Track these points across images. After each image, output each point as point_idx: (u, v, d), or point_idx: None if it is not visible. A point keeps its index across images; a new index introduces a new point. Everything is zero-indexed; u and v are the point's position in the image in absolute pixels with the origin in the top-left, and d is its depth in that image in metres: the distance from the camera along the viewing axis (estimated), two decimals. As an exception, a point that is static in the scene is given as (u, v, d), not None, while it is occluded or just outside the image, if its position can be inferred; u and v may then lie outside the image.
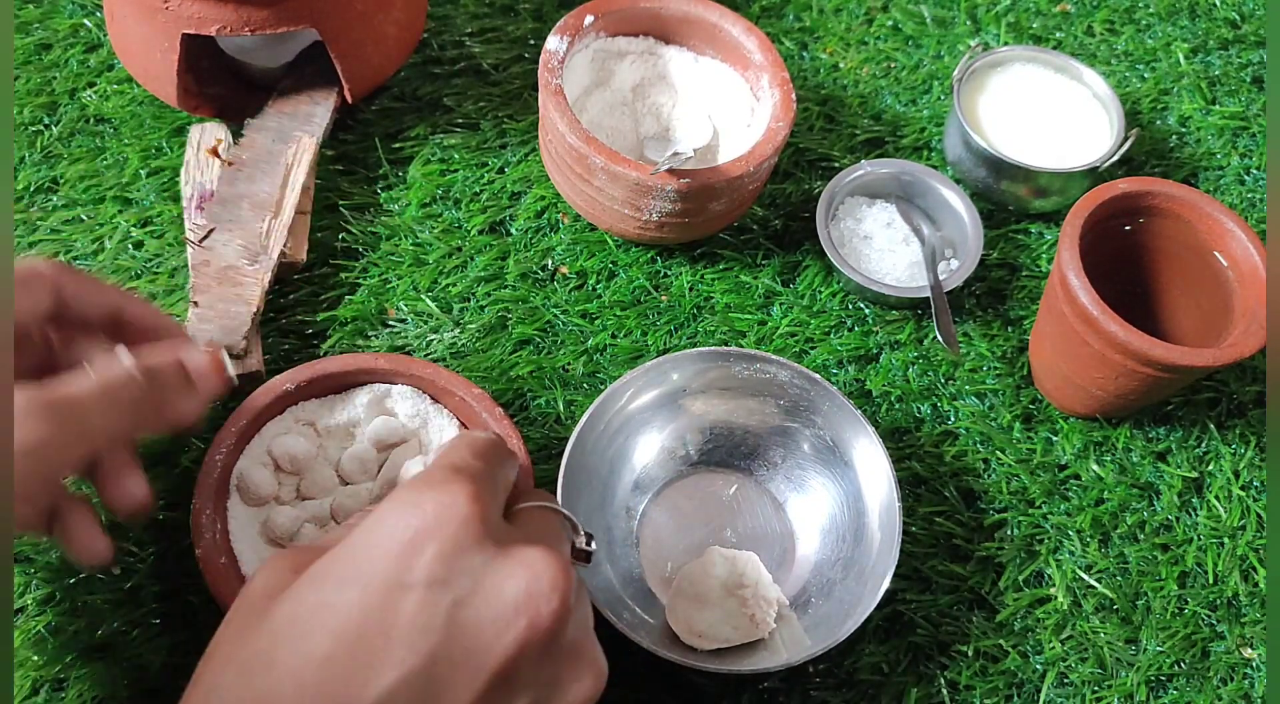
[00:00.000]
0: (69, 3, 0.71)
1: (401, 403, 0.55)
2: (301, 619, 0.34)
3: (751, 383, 0.57)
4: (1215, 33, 0.79)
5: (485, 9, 0.74)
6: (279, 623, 0.35)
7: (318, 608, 0.34)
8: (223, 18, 0.58)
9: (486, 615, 0.35)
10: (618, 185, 0.58)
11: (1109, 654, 0.55)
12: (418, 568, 0.34)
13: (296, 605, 0.35)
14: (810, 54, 0.76)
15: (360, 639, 0.34)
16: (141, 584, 0.51)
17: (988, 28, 0.78)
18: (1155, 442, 0.62)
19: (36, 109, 0.66)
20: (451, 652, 0.34)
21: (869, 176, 0.67)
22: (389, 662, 0.33)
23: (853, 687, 0.53)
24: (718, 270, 0.65)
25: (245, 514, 0.51)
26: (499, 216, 0.65)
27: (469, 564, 0.35)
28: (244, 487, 0.51)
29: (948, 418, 0.61)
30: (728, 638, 0.51)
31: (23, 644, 0.49)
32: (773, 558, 0.55)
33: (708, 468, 0.58)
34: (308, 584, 0.35)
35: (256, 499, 0.51)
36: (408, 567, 0.34)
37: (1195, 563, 0.58)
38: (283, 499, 0.52)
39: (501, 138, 0.68)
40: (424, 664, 0.33)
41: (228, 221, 0.59)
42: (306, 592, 0.35)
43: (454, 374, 0.54)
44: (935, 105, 0.73)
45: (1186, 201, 0.58)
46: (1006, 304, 0.66)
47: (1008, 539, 0.58)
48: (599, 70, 0.66)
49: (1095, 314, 0.54)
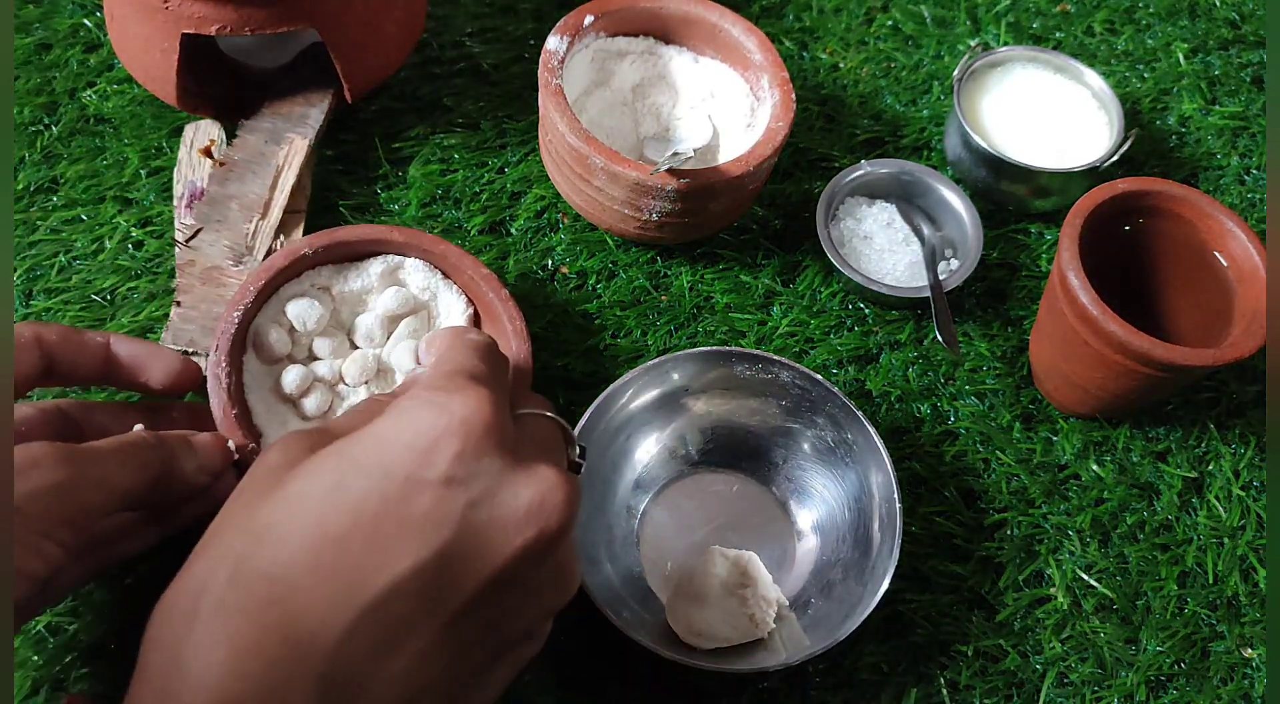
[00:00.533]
0: (69, 3, 0.71)
1: (413, 275, 0.57)
2: (317, 497, 0.35)
3: (752, 383, 0.57)
4: (1215, 33, 0.79)
5: (485, 9, 0.74)
6: (293, 497, 0.35)
7: (335, 488, 0.35)
8: (223, 18, 0.58)
9: (498, 519, 0.36)
10: (618, 185, 0.59)
11: (1109, 654, 0.55)
12: (438, 465, 0.36)
13: (312, 483, 0.36)
14: (810, 54, 0.76)
15: (376, 525, 0.35)
16: (141, 584, 0.51)
17: (988, 28, 0.78)
18: (1155, 442, 0.62)
19: (36, 109, 0.66)
20: (461, 549, 0.35)
21: (869, 176, 0.67)
22: (403, 551, 0.34)
23: (853, 687, 0.53)
24: (718, 270, 0.65)
25: (259, 370, 0.54)
26: (499, 216, 0.65)
27: (487, 468, 0.37)
28: (259, 343, 0.54)
29: (948, 418, 0.61)
30: (727, 637, 0.51)
31: (23, 644, 0.49)
32: (773, 558, 0.55)
33: (708, 468, 0.58)
34: (325, 463, 0.36)
35: (270, 357, 0.54)
36: (429, 463, 0.36)
37: (1195, 563, 0.58)
38: (295, 358, 0.55)
39: (501, 138, 0.68)
40: (434, 558, 0.35)
41: (215, 222, 0.59)
42: (324, 470, 0.36)
43: (464, 252, 0.57)
44: (935, 105, 0.73)
45: (1186, 201, 0.58)
46: (1006, 304, 0.66)
47: (1008, 539, 0.58)
48: (599, 70, 0.66)
49: (1095, 314, 0.54)
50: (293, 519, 0.35)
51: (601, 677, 0.52)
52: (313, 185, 0.64)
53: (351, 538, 0.34)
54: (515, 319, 0.55)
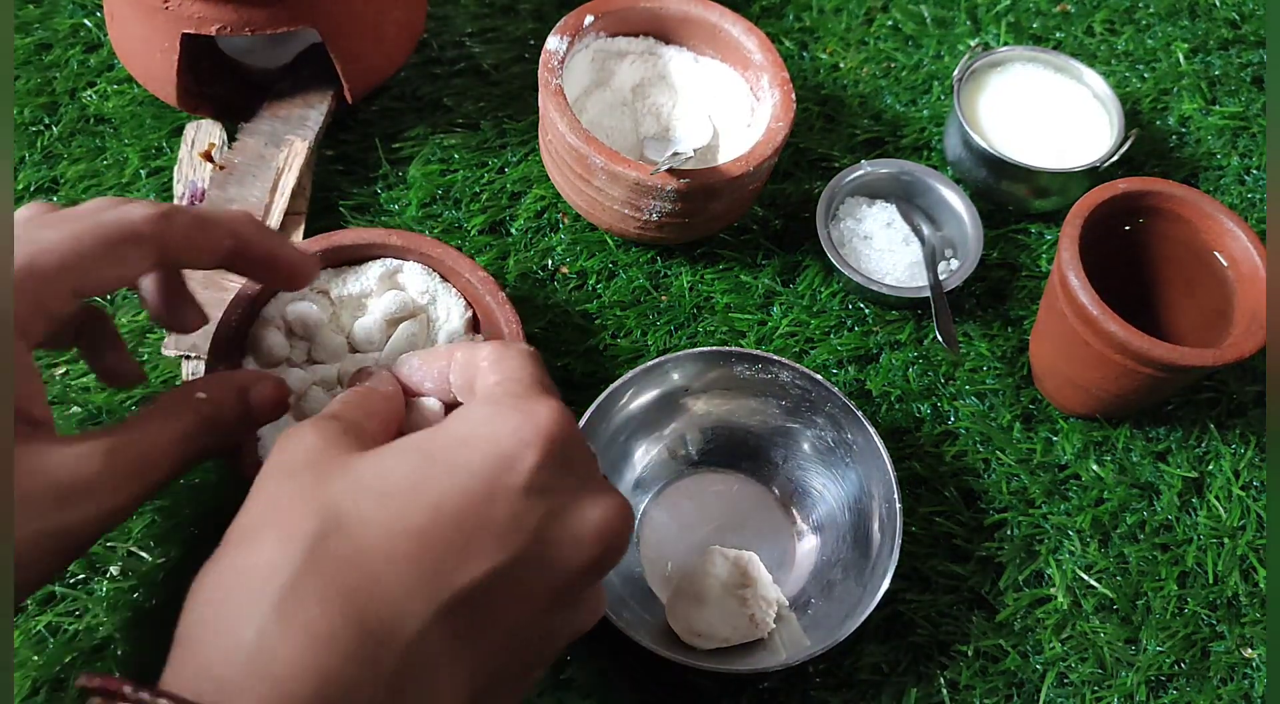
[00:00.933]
0: (69, 3, 0.71)
1: (412, 279, 0.57)
2: (397, 488, 0.34)
3: (752, 383, 0.57)
4: (1215, 33, 0.79)
5: (485, 9, 0.74)
6: (369, 484, 0.34)
7: (416, 482, 0.35)
8: (223, 18, 0.58)
9: (570, 535, 0.36)
10: (618, 185, 0.59)
11: (1109, 654, 0.55)
12: (520, 473, 0.35)
13: (389, 472, 0.35)
14: (810, 54, 0.76)
15: (458, 525, 0.34)
16: (142, 585, 0.51)
17: (988, 28, 0.78)
18: (1155, 442, 0.62)
19: (36, 109, 0.66)
20: (534, 559, 0.35)
21: (869, 176, 0.67)
22: (482, 553, 0.34)
23: (853, 687, 0.53)
24: (718, 270, 0.65)
25: None
26: (499, 216, 0.65)
27: (566, 483, 0.37)
28: (258, 347, 0.54)
29: (948, 418, 0.61)
30: (727, 638, 0.51)
31: (23, 644, 0.49)
32: (773, 558, 0.55)
33: (708, 468, 0.58)
34: (402, 455, 0.36)
35: (269, 360, 0.54)
36: (511, 469, 0.35)
37: (1195, 563, 0.58)
38: (294, 362, 0.55)
39: (501, 138, 0.68)
40: (509, 564, 0.34)
41: None
42: (401, 462, 0.35)
43: (462, 255, 0.57)
44: (935, 105, 0.73)
45: (1186, 201, 0.58)
46: (1006, 304, 0.66)
47: (1008, 539, 0.58)
48: (599, 70, 0.66)
49: (1095, 314, 0.54)
50: (374, 506, 0.34)
51: (601, 677, 0.52)
52: (313, 186, 0.64)
53: (432, 534, 0.34)
54: (513, 322, 0.55)
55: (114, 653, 0.50)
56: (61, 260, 0.38)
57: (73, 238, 0.39)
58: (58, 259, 0.38)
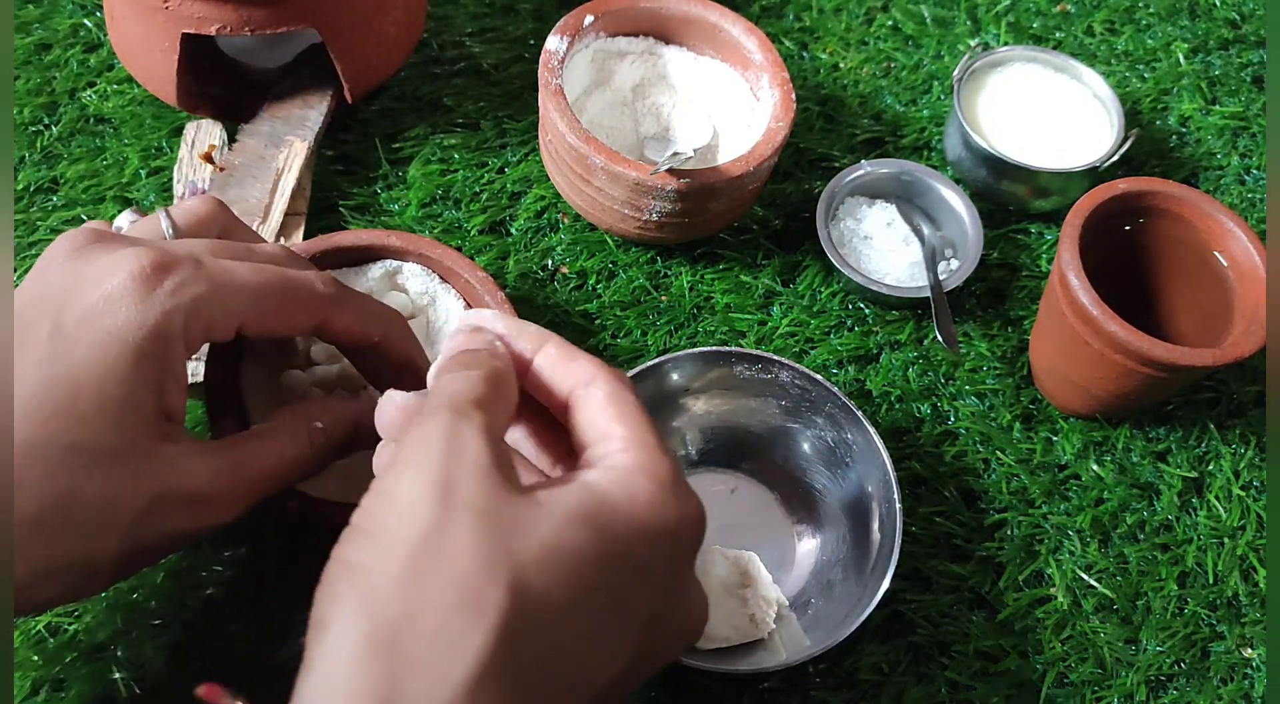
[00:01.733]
0: (69, 3, 0.71)
1: (412, 280, 0.58)
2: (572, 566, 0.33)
3: (752, 383, 0.57)
4: (1215, 33, 0.79)
5: (485, 9, 0.74)
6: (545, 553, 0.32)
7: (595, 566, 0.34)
8: (223, 18, 0.58)
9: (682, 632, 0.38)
10: (618, 185, 0.59)
11: (1109, 654, 0.55)
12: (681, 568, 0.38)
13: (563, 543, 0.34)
14: (810, 54, 0.76)
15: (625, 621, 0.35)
16: (142, 585, 0.51)
17: (988, 28, 0.78)
18: (1155, 442, 0.62)
19: (36, 109, 0.66)
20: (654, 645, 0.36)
21: (869, 176, 0.67)
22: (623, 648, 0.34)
23: (853, 687, 0.53)
24: (718, 270, 0.65)
25: (257, 375, 0.54)
26: (499, 216, 0.65)
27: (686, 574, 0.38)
28: (258, 349, 0.54)
29: (948, 418, 0.61)
30: (727, 638, 0.51)
31: (23, 644, 0.49)
32: (773, 558, 0.55)
33: (708, 468, 0.58)
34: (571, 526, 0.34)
35: (269, 362, 0.54)
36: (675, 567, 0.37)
37: (1195, 563, 0.58)
38: (293, 363, 0.55)
39: (501, 138, 0.68)
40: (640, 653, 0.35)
41: None
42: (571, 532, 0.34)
43: (461, 255, 0.57)
44: (935, 105, 0.73)
45: (1186, 201, 0.58)
46: (1006, 304, 0.66)
47: (1008, 539, 0.58)
48: (599, 70, 0.66)
49: (1095, 314, 0.54)
50: (559, 586, 0.32)
51: (601, 677, 0.52)
52: (313, 186, 0.64)
53: (605, 614, 0.33)
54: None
55: (114, 653, 0.50)
56: (247, 300, 0.41)
57: (260, 286, 0.41)
58: (244, 298, 0.41)
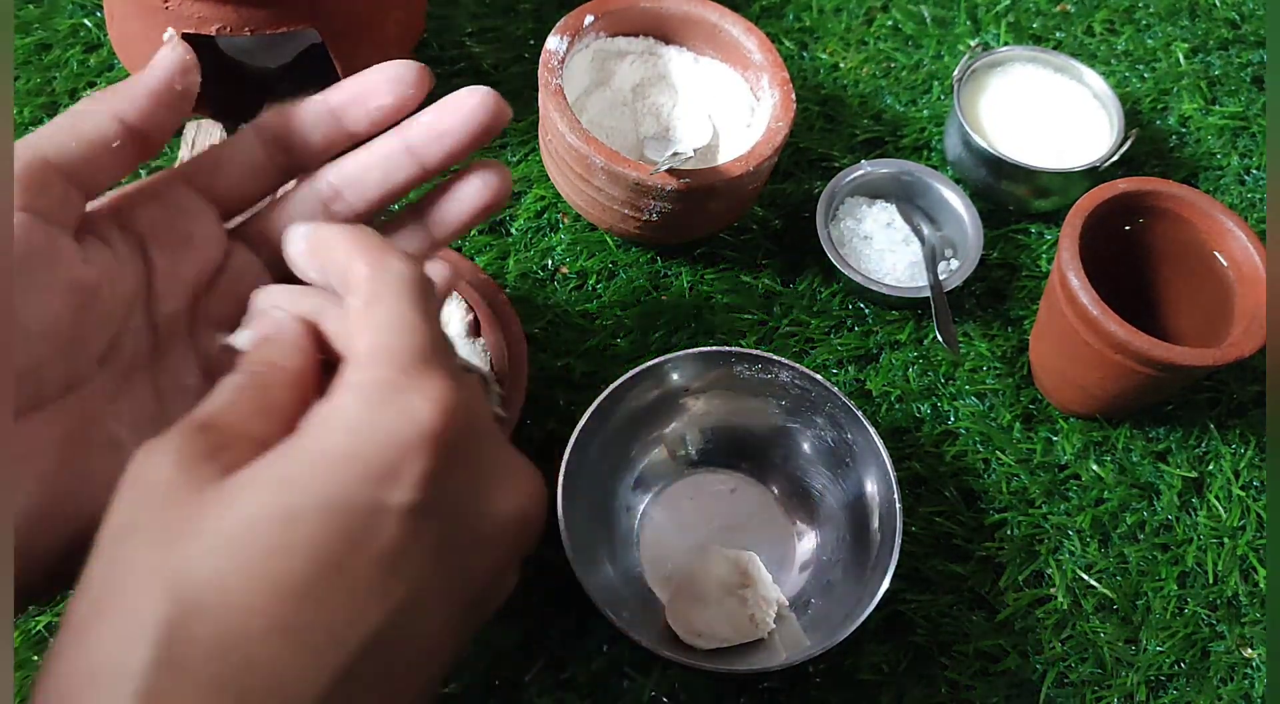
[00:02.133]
0: (69, 3, 0.71)
1: None
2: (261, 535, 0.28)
3: (752, 383, 0.57)
4: (1215, 33, 0.79)
5: (485, 9, 0.74)
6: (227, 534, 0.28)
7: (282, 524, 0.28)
8: (223, 18, 0.58)
9: (475, 539, 0.32)
10: (618, 185, 0.59)
11: (1109, 654, 0.55)
12: (405, 490, 0.29)
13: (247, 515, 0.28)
14: (810, 54, 0.76)
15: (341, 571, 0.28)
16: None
17: (988, 28, 0.78)
18: (1155, 442, 0.62)
19: (36, 109, 0.66)
20: (439, 578, 0.31)
21: (869, 176, 0.67)
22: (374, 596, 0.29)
23: (853, 687, 0.53)
24: (718, 270, 0.65)
25: None
26: (499, 216, 0.65)
27: (465, 479, 0.31)
28: None
29: (948, 418, 0.61)
30: (727, 638, 0.51)
31: (23, 644, 0.49)
32: (773, 558, 0.55)
33: (708, 468, 0.58)
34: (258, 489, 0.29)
35: None
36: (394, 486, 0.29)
37: (1195, 563, 0.58)
38: None
39: (501, 138, 0.68)
40: (410, 596, 0.29)
41: None
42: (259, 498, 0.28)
43: (461, 256, 0.58)
44: (935, 105, 0.73)
45: (1186, 201, 0.58)
46: (1006, 304, 0.66)
47: (1008, 539, 0.58)
48: (599, 70, 0.66)
49: (1095, 314, 0.54)
50: (234, 569, 0.27)
51: (602, 677, 0.52)
52: (313, 185, 0.64)
53: (315, 587, 0.27)
54: (512, 324, 0.55)
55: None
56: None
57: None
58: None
